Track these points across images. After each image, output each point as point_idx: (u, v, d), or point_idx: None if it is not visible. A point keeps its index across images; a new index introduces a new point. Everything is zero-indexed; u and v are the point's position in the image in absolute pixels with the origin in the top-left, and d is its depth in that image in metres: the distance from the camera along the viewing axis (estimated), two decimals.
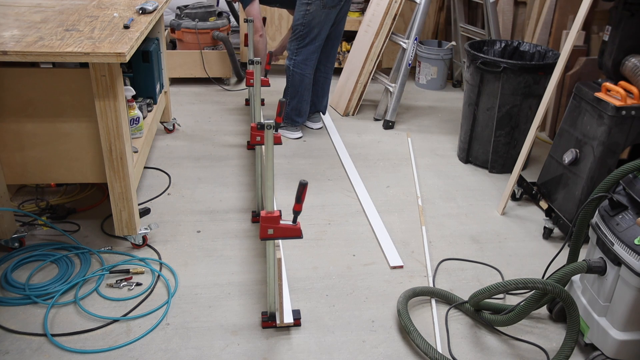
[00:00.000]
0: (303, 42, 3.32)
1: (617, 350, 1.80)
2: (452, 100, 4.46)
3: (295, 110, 3.52)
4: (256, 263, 2.35)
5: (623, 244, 1.73)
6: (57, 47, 1.95)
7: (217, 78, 4.47)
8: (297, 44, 3.34)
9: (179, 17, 4.37)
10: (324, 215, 2.74)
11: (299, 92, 3.46)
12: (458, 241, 2.58)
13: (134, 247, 2.40)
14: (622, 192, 1.87)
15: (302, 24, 3.26)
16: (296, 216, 1.77)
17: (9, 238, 2.31)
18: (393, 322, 2.06)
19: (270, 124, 1.75)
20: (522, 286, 1.78)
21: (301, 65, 3.38)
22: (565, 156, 2.53)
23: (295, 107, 3.51)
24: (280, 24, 4.68)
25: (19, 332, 1.92)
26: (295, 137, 3.59)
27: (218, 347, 1.91)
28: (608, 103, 2.30)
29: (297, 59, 3.37)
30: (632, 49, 2.35)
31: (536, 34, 3.84)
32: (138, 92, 2.83)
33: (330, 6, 3.24)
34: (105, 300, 2.10)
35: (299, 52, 3.35)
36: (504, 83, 3.00)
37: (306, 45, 3.33)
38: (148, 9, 2.50)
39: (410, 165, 3.30)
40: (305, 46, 3.33)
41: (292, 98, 3.48)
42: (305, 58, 3.37)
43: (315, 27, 3.28)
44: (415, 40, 3.76)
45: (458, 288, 2.26)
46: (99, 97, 2.06)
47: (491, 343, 2.00)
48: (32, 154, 2.19)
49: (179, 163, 3.18)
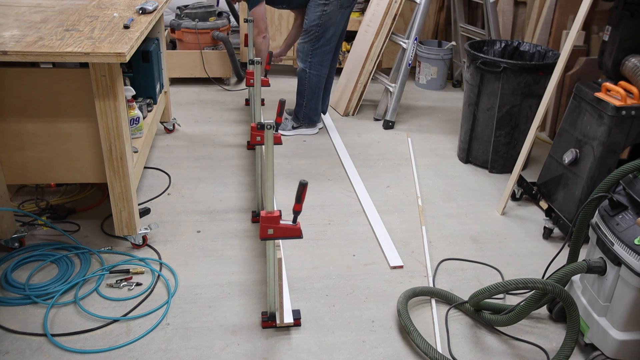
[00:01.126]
0: (318, 43, 3.33)
1: (617, 350, 1.80)
2: (452, 100, 4.46)
3: (314, 110, 3.57)
4: (256, 263, 2.35)
5: (623, 244, 1.73)
6: (57, 47, 1.95)
7: (217, 78, 4.47)
8: (311, 45, 3.34)
9: (179, 17, 4.37)
10: (324, 215, 2.74)
11: (316, 92, 3.51)
12: (458, 241, 2.58)
13: (134, 247, 2.40)
14: (622, 192, 1.87)
15: (318, 25, 3.26)
16: (296, 216, 1.77)
17: (9, 238, 2.31)
18: (393, 322, 2.06)
19: (270, 124, 1.75)
20: (522, 286, 1.78)
21: (317, 67, 3.40)
22: (565, 156, 2.53)
23: (313, 107, 3.56)
24: (280, 24, 4.67)
25: (19, 332, 1.92)
26: (315, 132, 3.65)
27: (218, 347, 1.91)
28: (608, 103, 2.30)
29: (312, 60, 3.38)
30: (632, 49, 2.34)
31: (536, 34, 3.84)
32: (138, 92, 2.83)
33: (346, 6, 3.27)
34: (105, 300, 2.10)
35: (314, 53, 3.36)
36: (504, 83, 3.00)
37: (322, 46, 3.34)
38: (148, 9, 2.50)
39: (410, 165, 3.30)
40: (320, 47, 3.34)
41: (309, 99, 3.52)
42: (322, 59, 3.39)
43: (330, 28, 3.29)
44: (415, 40, 3.76)
45: (458, 288, 2.26)
46: (99, 97, 2.06)
47: (491, 343, 2.00)
48: (32, 154, 2.19)
49: (179, 163, 3.18)
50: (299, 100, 3.55)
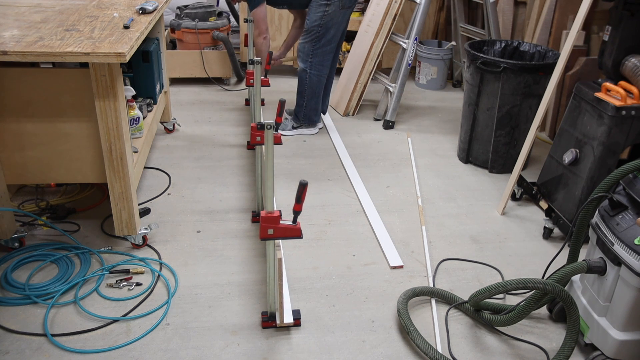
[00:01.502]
0: (319, 44, 3.33)
1: (617, 350, 1.80)
2: (452, 100, 4.46)
3: (314, 110, 3.57)
4: (256, 263, 2.35)
5: (623, 244, 1.73)
6: (57, 47, 1.95)
7: (217, 78, 4.47)
8: (312, 46, 3.34)
9: (179, 17, 4.37)
10: (324, 215, 2.74)
11: (316, 93, 3.51)
12: (458, 241, 2.58)
13: (134, 247, 2.40)
14: (622, 192, 1.87)
15: (320, 25, 3.27)
16: (296, 216, 1.77)
17: (9, 238, 2.31)
18: (393, 322, 2.06)
19: (270, 124, 1.75)
20: (522, 286, 1.78)
21: (318, 67, 3.41)
22: (565, 156, 2.53)
23: (313, 107, 3.56)
24: (280, 24, 4.67)
25: (19, 332, 1.92)
26: (315, 132, 3.64)
27: (218, 347, 1.91)
28: (608, 103, 2.30)
29: (313, 61, 3.38)
30: (632, 49, 2.34)
31: (536, 34, 3.84)
32: (138, 92, 2.83)
33: (348, 6, 3.28)
34: (105, 300, 2.10)
35: (315, 53, 3.36)
36: (504, 83, 3.00)
37: (322, 46, 3.34)
38: (148, 9, 2.50)
39: (410, 165, 3.30)
40: (321, 47, 3.35)
41: (309, 99, 3.52)
42: (322, 59, 3.40)
43: (332, 28, 3.29)
44: (415, 40, 3.76)
45: (458, 288, 2.26)
46: (99, 97, 2.06)
47: (491, 343, 2.00)
48: (32, 154, 2.19)
49: (179, 163, 3.18)
50: (299, 101, 3.55)
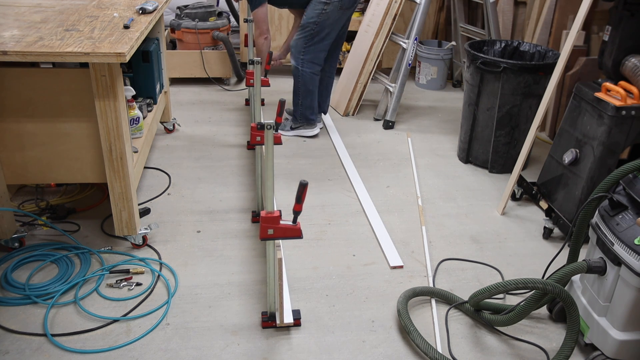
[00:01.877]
0: (312, 41, 3.32)
1: (617, 350, 1.80)
2: (452, 100, 4.46)
3: (310, 109, 3.54)
4: (256, 263, 2.35)
5: (623, 244, 1.73)
6: (57, 47, 1.95)
7: (217, 78, 4.47)
8: (304, 42, 3.34)
9: (179, 17, 4.37)
10: (324, 215, 2.74)
11: (311, 90, 3.48)
12: (458, 241, 2.58)
13: (134, 247, 2.40)
14: (622, 192, 1.87)
15: (315, 23, 3.26)
16: (296, 216, 1.77)
17: (9, 238, 2.31)
18: (393, 322, 2.06)
19: (270, 124, 1.75)
20: (522, 286, 1.78)
21: (310, 64, 3.39)
22: (565, 156, 2.53)
23: (309, 106, 3.53)
24: (280, 24, 4.67)
25: (19, 332, 1.92)
26: (315, 134, 3.61)
27: (218, 347, 1.91)
28: (608, 103, 2.30)
29: (304, 57, 3.37)
30: (632, 49, 2.34)
31: (536, 34, 3.84)
32: (138, 92, 2.83)
33: (347, 7, 3.27)
34: (105, 300, 2.10)
35: (306, 50, 3.35)
36: (504, 83, 3.00)
37: (315, 43, 3.33)
38: (148, 9, 2.50)
39: (410, 165, 3.30)
40: (313, 44, 3.34)
41: (304, 97, 3.50)
42: (313, 56, 3.38)
43: (327, 27, 3.28)
44: (415, 40, 3.76)
45: (458, 288, 2.26)
46: (99, 97, 2.06)
47: (491, 343, 2.00)
48: (32, 154, 2.19)
49: (179, 163, 3.18)
50: (295, 99, 3.54)
